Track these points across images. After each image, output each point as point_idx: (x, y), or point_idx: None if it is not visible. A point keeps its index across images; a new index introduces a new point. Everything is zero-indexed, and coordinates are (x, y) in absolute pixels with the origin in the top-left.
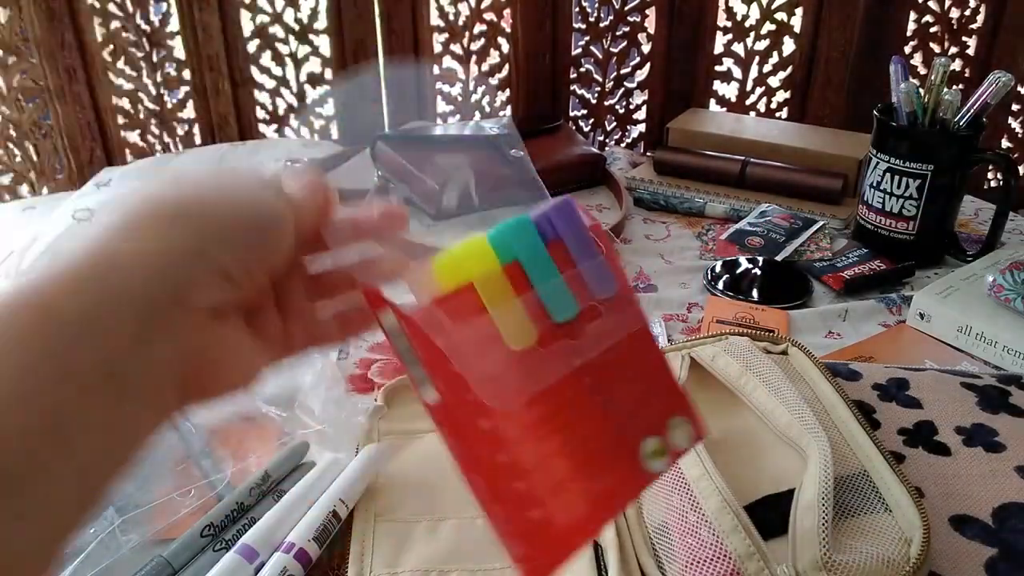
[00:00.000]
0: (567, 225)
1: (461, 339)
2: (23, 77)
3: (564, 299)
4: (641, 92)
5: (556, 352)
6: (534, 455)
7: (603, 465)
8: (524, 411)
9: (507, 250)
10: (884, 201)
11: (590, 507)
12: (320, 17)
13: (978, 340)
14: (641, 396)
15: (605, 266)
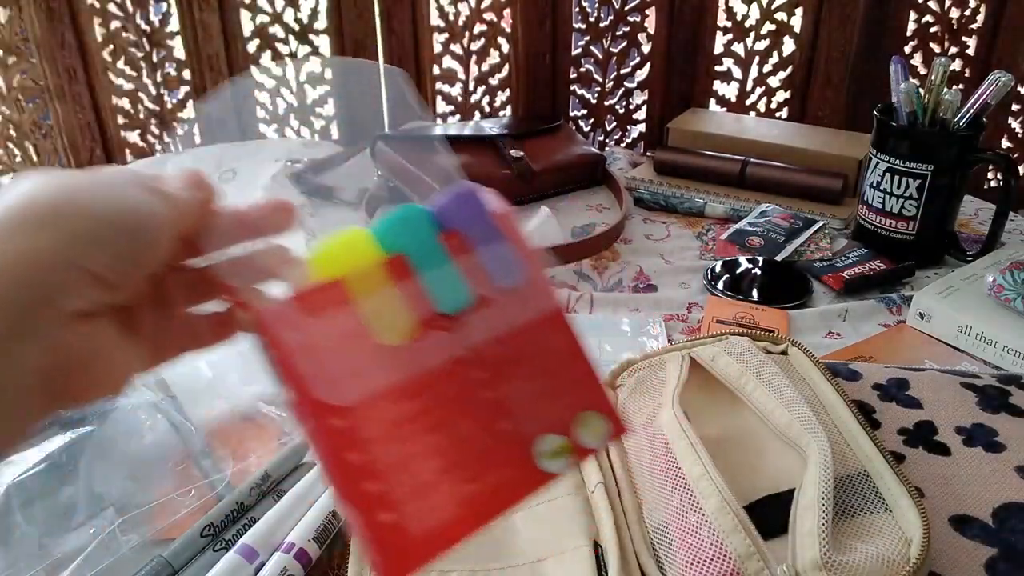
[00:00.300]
0: (469, 214)
1: (312, 335)
2: (23, 77)
3: (453, 287)
4: (641, 92)
5: (427, 345)
6: (394, 455)
7: (482, 466)
8: (386, 408)
9: (392, 242)
10: (884, 201)
11: (460, 510)
12: (320, 17)
13: (978, 340)
14: (544, 391)
15: (509, 252)
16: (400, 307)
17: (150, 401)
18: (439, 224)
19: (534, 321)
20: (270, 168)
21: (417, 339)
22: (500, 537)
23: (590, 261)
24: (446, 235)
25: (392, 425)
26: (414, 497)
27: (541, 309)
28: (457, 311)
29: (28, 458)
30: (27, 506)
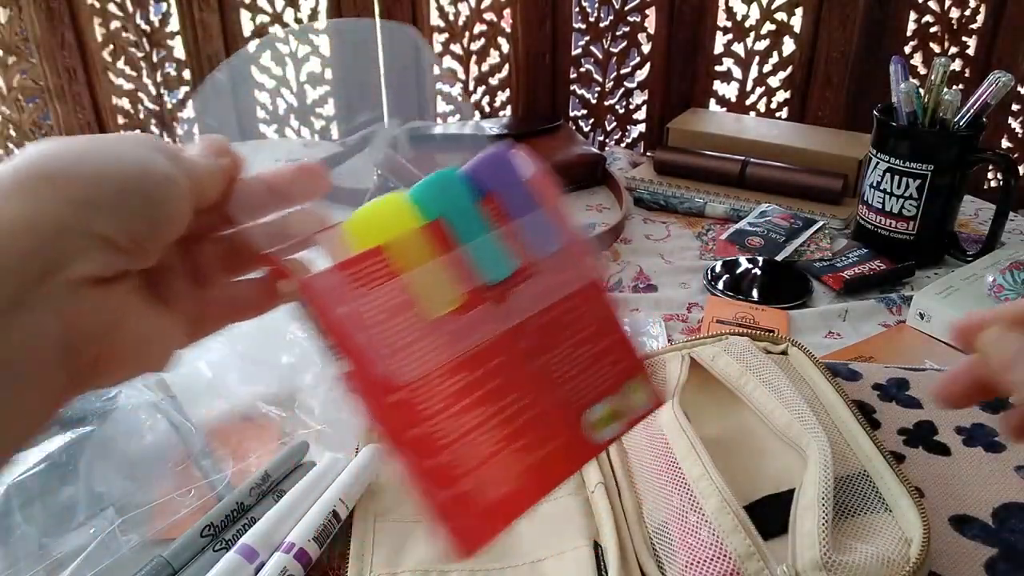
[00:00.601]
0: (503, 177)
1: (363, 307)
2: (23, 77)
3: (495, 258)
4: (641, 92)
5: (476, 317)
6: (453, 429)
7: (538, 436)
8: (442, 381)
9: (431, 206)
10: (884, 201)
11: (521, 481)
12: (320, 17)
13: None
14: (587, 360)
15: (546, 219)
16: (444, 277)
17: (150, 401)
18: (475, 188)
19: (575, 289)
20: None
21: (464, 310)
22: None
23: None
24: (484, 200)
25: (448, 399)
26: (477, 470)
27: (581, 277)
28: (499, 281)
29: (28, 458)
30: (27, 506)
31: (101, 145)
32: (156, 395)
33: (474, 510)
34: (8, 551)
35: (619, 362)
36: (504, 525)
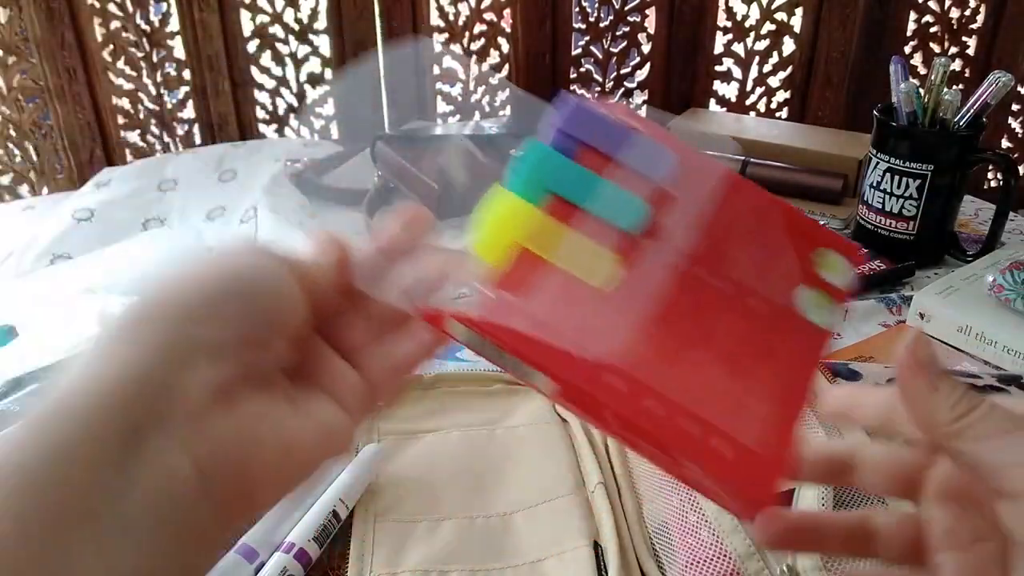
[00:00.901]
0: (585, 125)
1: (539, 308)
2: (23, 77)
3: (623, 202)
4: (641, 92)
5: (642, 269)
6: (681, 382)
7: (766, 352)
8: (645, 343)
9: (534, 188)
10: (884, 201)
11: (775, 405)
12: (320, 17)
13: (978, 340)
14: (768, 252)
15: (646, 143)
16: (591, 244)
17: None
18: (565, 149)
19: (715, 192)
20: (270, 168)
21: (630, 266)
22: (501, 536)
23: None
24: (578, 155)
25: (663, 358)
26: (729, 415)
27: (713, 177)
28: (640, 223)
29: None
30: None
31: (202, 267)
32: None
33: (746, 459)
34: None
35: (799, 239)
36: (783, 460)
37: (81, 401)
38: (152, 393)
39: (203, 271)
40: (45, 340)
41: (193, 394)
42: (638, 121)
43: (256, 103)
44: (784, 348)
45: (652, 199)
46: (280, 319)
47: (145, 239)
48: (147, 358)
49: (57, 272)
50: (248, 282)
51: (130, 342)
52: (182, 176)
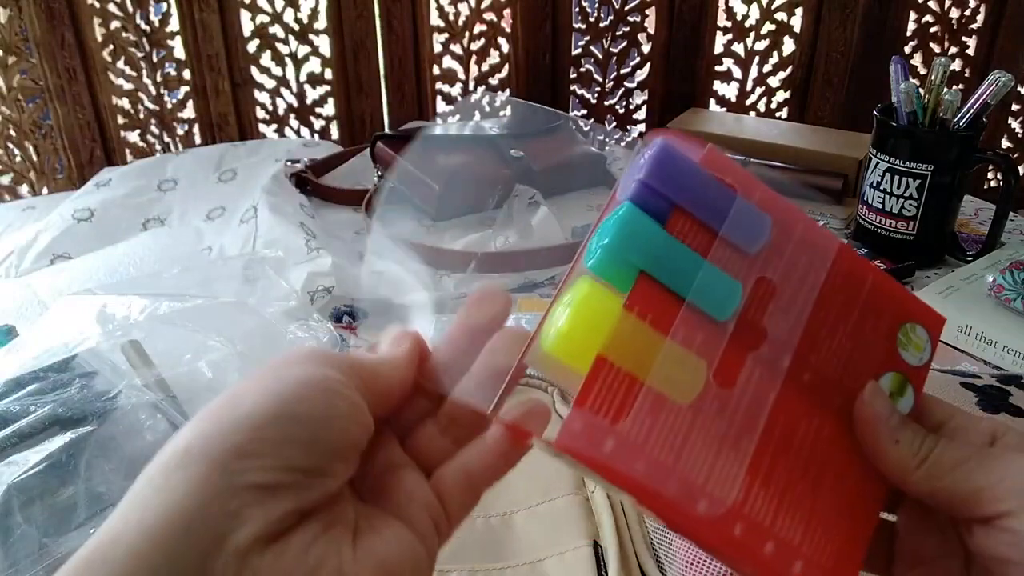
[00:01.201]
0: (676, 179)
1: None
2: (23, 77)
3: (721, 286)
4: (641, 92)
5: (748, 376)
6: (767, 501)
7: (845, 456)
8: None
9: (623, 267)
10: (884, 201)
11: (850, 518)
12: (320, 17)
13: (978, 340)
14: (857, 333)
15: (747, 207)
16: (686, 355)
17: (150, 401)
18: (656, 212)
19: (828, 269)
20: (270, 168)
21: (729, 378)
22: (501, 536)
23: None
24: (672, 220)
25: (756, 478)
26: (808, 532)
27: (822, 251)
28: (734, 311)
29: (28, 458)
30: (27, 506)
31: (254, 386)
32: (156, 395)
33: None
34: (8, 551)
35: (883, 314)
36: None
37: (123, 551)
38: (199, 542)
39: (255, 392)
40: (45, 340)
41: (242, 541)
42: (730, 169)
43: (256, 103)
44: (863, 456)
45: (747, 280)
46: (341, 442)
47: (145, 239)
48: (192, 502)
49: (57, 272)
50: (304, 404)
51: (173, 486)
52: (182, 176)
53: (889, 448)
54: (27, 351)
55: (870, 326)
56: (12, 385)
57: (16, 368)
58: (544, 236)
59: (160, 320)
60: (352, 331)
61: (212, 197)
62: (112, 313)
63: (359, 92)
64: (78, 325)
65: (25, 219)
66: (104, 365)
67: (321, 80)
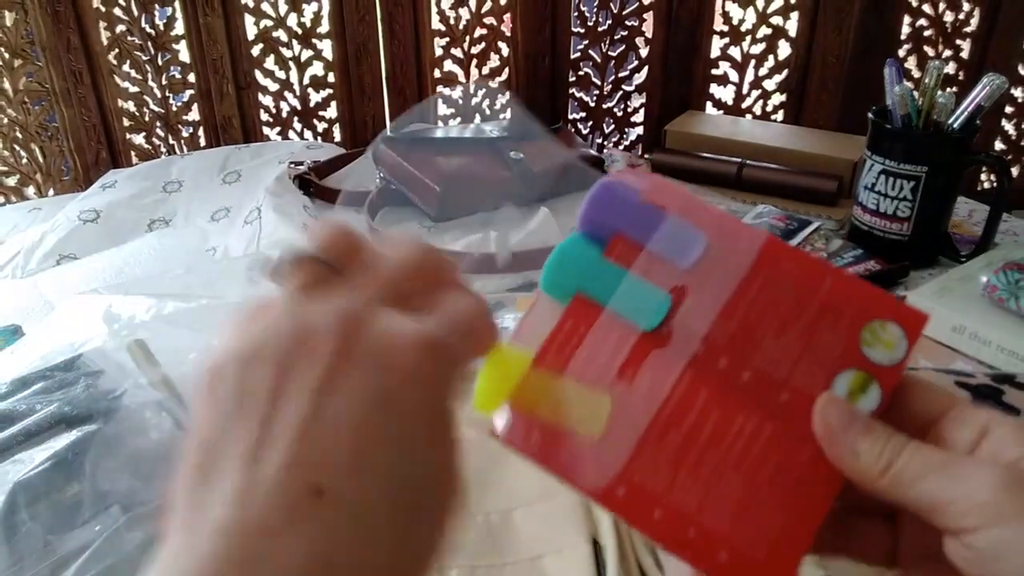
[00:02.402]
0: (619, 210)
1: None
2: (29, 80)
3: (643, 300)
4: (639, 95)
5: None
6: (696, 489)
7: (786, 451)
8: (658, 449)
9: (564, 287)
10: (879, 202)
11: (789, 513)
12: (323, 21)
13: (972, 340)
14: (804, 332)
15: (679, 224)
16: (585, 393)
17: (155, 399)
18: (598, 239)
19: (747, 270)
20: (274, 170)
21: (632, 370)
22: (500, 533)
23: None
24: (610, 246)
25: (675, 462)
26: (738, 523)
27: (748, 253)
28: (660, 319)
29: (34, 456)
30: (33, 504)
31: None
32: (161, 394)
33: (756, 568)
34: (13, 548)
35: (844, 310)
36: (793, 568)
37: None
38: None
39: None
40: (51, 340)
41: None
42: (672, 196)
43: (260, 106)
44: (809, 451)
45: (677, 289)
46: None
47: (150, 239)
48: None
49: (63, 273)
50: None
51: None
52: (187, 178)
53: (849, 459)
54: (33, 350)
55: (826, 326)
56: (18, 384)
57: (22, 367)
58: (544, 236)
59: (165, 320)
60: None
61: (217, 198)
62: (118, 313)
63: (361, 95)
64: (84, 325)
65: (31, 220)
66: (110, 364)
67: (324, 83)
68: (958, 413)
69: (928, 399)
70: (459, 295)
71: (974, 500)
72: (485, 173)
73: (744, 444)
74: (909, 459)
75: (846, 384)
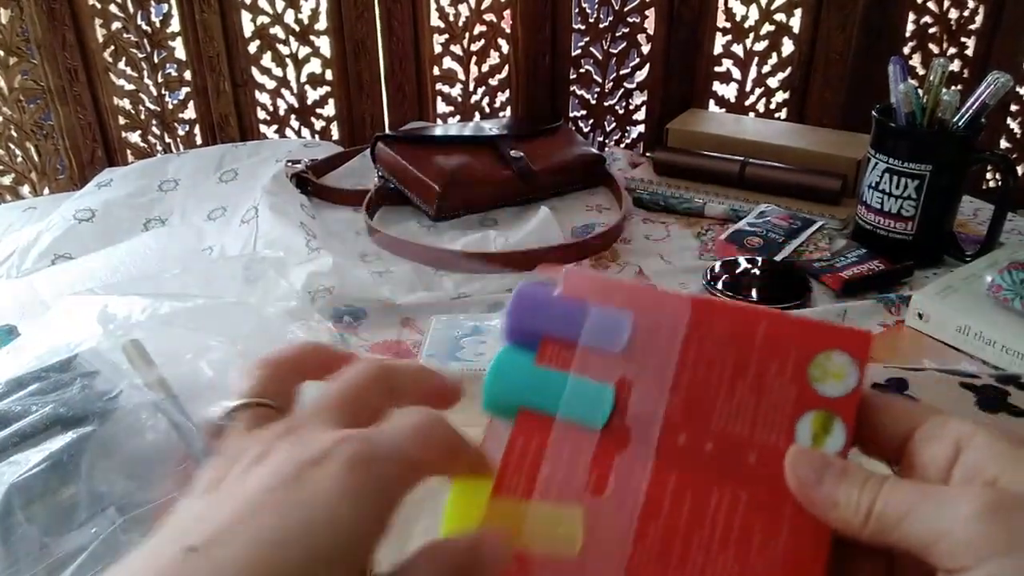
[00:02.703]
0: (540, 314)
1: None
2: (24, 78)
3: (588, 395)
4: (640, 93)
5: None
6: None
7: (774, 515)
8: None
9: (505, 405)
10: (883, 201)
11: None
12: (320, 18)
13: (977, 340)
14: (757, 384)
15: (601, 312)
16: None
17: (151, 400)
18: (526, 346)
19: (681, 338)
20: (270, 168)
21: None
22: None
23: (590, 261)
24: (540, 351)
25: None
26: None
27: (675, 321)
28: (606, 416)
29: (30, 458)
30: (28, 506)
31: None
32: (157, 395)
33: None
34: (9, 551)
35: (788, 352)
36: None
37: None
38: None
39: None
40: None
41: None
42: (589, 284)
43: (257, 104)
44: (793, 507)
45: (619, 380)
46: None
47: (146, 239)
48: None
49: (59, 272)
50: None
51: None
52: (183, 176)
53: (829, 511)
54: (29, 351)
55: (773, 373)
56: (13, 385)
57: (18, 368)
58: (544, 236)
59: (161, 320)
60: (353, 331)
61: (213, 197)
62: (113, 313)
63: (359, 93)
64: (79, 325)
65: (27, 219)
66: (105, 365)
67: (322, 81)
68: (929, 428)
69: (895, 417)
70: (411, 411)
71: (960, 537)
72: (485, 172)
73: (725, 518)
74: (888, 499)
75: (808, 428)
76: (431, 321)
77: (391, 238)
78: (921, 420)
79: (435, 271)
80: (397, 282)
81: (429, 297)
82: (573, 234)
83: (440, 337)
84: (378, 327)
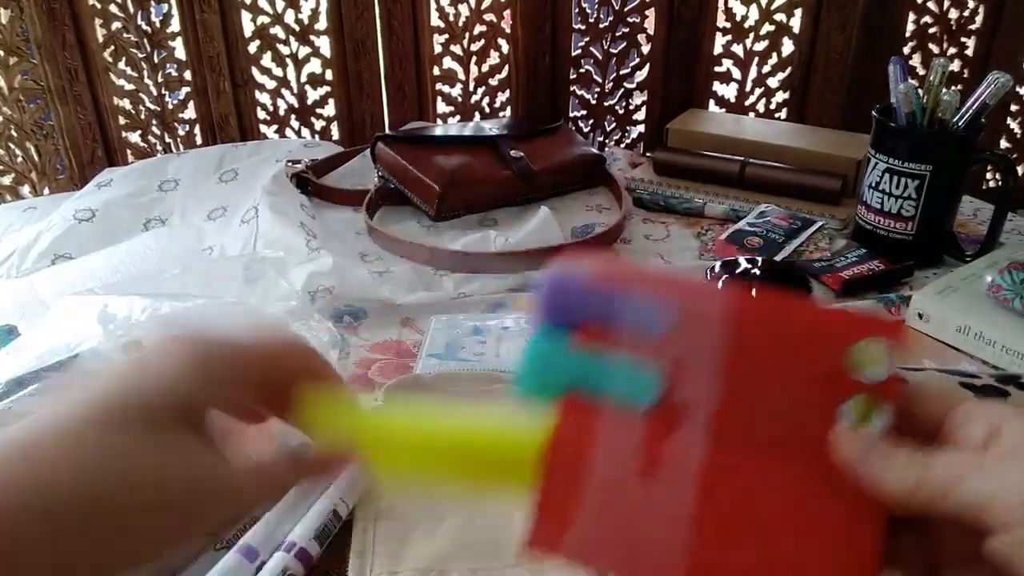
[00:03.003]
0: (570, 302)
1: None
2: (24, 78)
3: (635, 378)
4: (640, 93)
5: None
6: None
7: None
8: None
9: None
10: (883, 201)
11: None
12: (320, 18)
13: (977, 340)
14: (798, 375)
15: (641, 302)
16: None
17: None
18: (561, 335)
19: (724, 325)
20: (270, 168)
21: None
22: (501, 536)
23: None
24: (577, 335)
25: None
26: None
27: (714, 308)
28: (657, 393)
29: None
30: None
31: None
32: None
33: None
34: None
35: (828, 341)
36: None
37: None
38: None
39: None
40: (47, 340)
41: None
42: (622, 271)
43: (257, 104)
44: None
45: (662, 360)
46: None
47: (146, 239)
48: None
49: (59, 272)
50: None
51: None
52: (183, 176)
53: (881, 486)
54: (29, 351)
55: (815, 360)
56: (13, 385)
57: (18, 368)
58: (544, 236)
59: (161, 320)
60: (353, 331)
61: (213, 197)
62: (113, 313)
63: (359, 93)
64: (80, 325)
65: (26, 219)
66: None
67: (322, 81)
68: (964, 411)
69: (928, 402)
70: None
71: (1014, 498)
72: (485, 172)
73: (780, 500)
74: (937, 469)
75: (852, 412)
76: (431, 321)
77: (391, 238)
78: (953, 404)
79: (435, 271)
80: (397, 282)
81: (429, 297)
82: (573, 234)
83: (440, 337)
84: (378, 327)
